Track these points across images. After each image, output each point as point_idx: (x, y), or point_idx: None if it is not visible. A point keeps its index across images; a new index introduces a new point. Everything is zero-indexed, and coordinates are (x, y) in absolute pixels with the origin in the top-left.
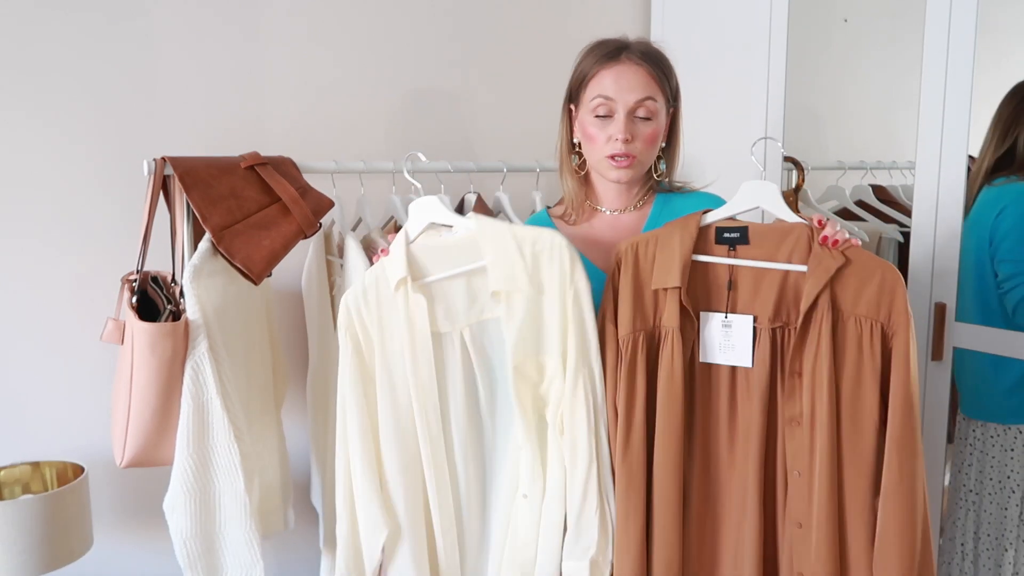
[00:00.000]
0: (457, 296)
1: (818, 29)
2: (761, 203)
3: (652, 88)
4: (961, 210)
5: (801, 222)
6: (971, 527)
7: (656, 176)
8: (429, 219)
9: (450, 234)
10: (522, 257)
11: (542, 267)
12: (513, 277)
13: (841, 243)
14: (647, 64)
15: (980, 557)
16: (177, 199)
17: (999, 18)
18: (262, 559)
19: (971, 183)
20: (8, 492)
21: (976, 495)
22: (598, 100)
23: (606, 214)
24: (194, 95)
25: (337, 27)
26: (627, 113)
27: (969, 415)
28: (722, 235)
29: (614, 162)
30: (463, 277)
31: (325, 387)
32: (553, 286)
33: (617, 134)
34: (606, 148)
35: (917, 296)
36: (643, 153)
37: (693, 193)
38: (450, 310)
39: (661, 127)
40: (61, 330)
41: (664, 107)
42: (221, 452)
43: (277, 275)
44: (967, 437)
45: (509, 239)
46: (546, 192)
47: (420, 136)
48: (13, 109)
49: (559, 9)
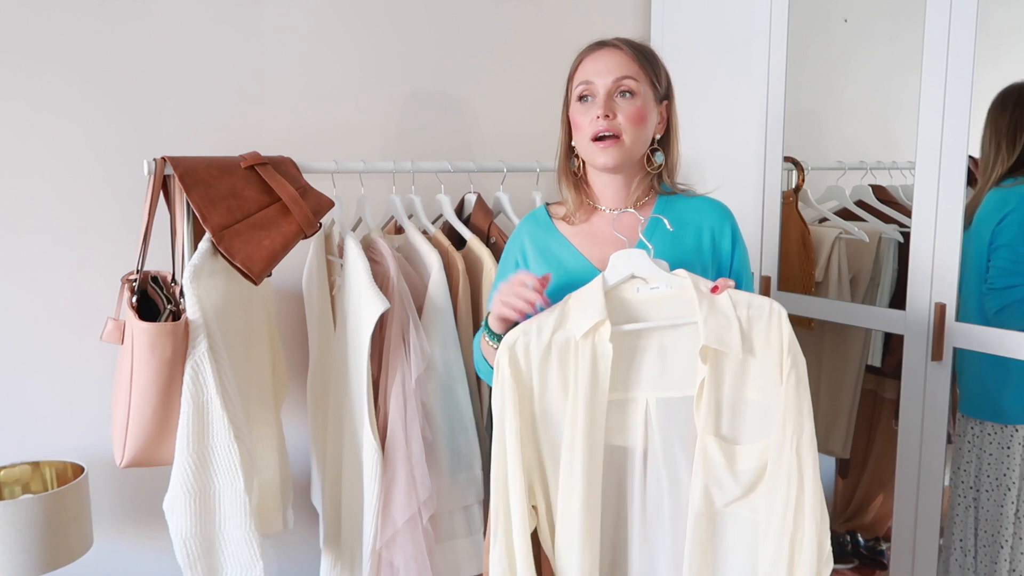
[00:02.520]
0: (647, 359)
1: (818, 29)
2: (634, 271)
3: (632, 68)
4: (961, 210)
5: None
6: (971, 524)
7: (651, 169)
8: (631, 271)
9: (649, 291)
10: (737, 318)
11: (755, 331)
12: (726, 338)
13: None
14: (627, 48)
15: (979, 553)
16: (177, 199)
17: (999, 18)
18: (262, 559)
19: (978, 193)
20: (8, 492)
21: (975, 492)
22: (580, 86)
23: (606, 213)
24: (194, 95)
25: (338, 27)
26: (607, 92)
27: (967, 414)
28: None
29: (599, 144)
30: (658, 337)
31: (325, 387)
32: (769, 352)
33: (597, 111)
34: (590, 130)
35: (917, 296)
36: (627, 131)
37: (696, 197)
38: (636, 374)
39: (647, 108)
40: (61, 330)
41: (649, 90)
42: (221, 452)
43: (277, 275)
44: (965, 435)
45: (723, 298)
46: (546, 192)
47: (420, 136)
48: (13, 109)
49: (559, 10)
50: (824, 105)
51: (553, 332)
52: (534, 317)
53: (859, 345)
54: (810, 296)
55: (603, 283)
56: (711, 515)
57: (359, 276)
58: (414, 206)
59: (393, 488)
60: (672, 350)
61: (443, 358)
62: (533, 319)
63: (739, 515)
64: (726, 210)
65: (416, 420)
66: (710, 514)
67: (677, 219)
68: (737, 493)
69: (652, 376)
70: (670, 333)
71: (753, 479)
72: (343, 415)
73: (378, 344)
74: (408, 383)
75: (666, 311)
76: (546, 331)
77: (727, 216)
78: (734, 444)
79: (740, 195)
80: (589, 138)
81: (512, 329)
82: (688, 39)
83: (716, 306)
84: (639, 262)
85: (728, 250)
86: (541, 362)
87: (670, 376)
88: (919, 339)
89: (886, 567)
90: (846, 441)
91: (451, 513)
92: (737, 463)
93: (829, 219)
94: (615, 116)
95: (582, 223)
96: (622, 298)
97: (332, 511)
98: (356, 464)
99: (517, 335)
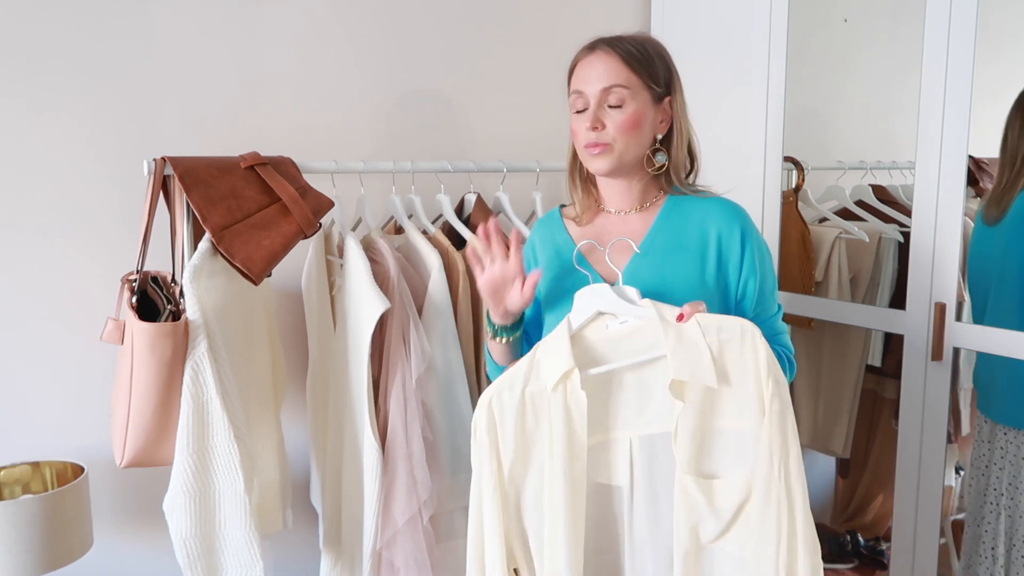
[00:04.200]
0: (625, 396)
1: (818, 29)
2: (600, 307)
3: (621, 75)
4: (961, 210)
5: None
6: (1002, 532)
7: (652, 171)
8: (597, 308)
9: (619, 325)
10: (707, 346)
11: (728, 357)
12: (696, 369)
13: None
14: (617, 52)
15: (1012, 562)
16: (177, 199)
17: (999, 18)
18: (262, 559)
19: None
20: (8, 492)
21: (1009, 500)
22: (573, 96)
23: (613, 214)
24: (194, 95)
25: (338, 27)
26: (597, 103)
27: (998, 420)
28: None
29: (591, 150)
30: (634, 372)
31: (324, 387)
32: (746, 378)
33: (586, 123)
34: (583, 139)
35: (917, 296)
36: (619, 141)
37: (708, 198)
38: (616, 413)
39: (640, 112)
40: (61, 330)
41: (643, 93)
42: (221, 452)
43: (277, 275)
44: (995, 441)
45: (690, 326)
46: (546, 192)
47: (420, 136)
48: (12, 110)
49: (559, 10)
50: (824, 105)
51: (524, 386)
52: (506, 371)
53: (859, 345)
54: (810, 296)
55: (568, 327)
56: (698, 552)
57: (360, 276)
58: (414, 206)
59: (394, 488)
60: (652, 384)
61: (443, 358)
62: (505, 373)
63: (726, 551)
64: (737, 211)
65: (417, 420)
66: (696, 551)
67: (683, 221)
68: (718, 530)
69: (633, 413)
70: (648, 366)
71: (734, 513)
72: (343, 415)
73: (378, 344)
74: (408, 383)
75: (638, 344)
76: (518, 385)
77: (737, 218)
78: (713, 479)
79: (740, 195)
80: (583, 146)
81: (489, 385)
82: (688, 39)
83: (684, 336)
84: (604, 298)
85: (737, 253)
86: (518, 418)
87: (651, 411)
88: (919, 339)
89: (886, 567)
90: (846, 441)
91: (451, 513)
92: (717, 499)
93: (829, 219)
94: (603, 127)
95: (589, 224)
96: (591, 339)
97: (332, 511)
98: (356, 464)
99: (491, 394)
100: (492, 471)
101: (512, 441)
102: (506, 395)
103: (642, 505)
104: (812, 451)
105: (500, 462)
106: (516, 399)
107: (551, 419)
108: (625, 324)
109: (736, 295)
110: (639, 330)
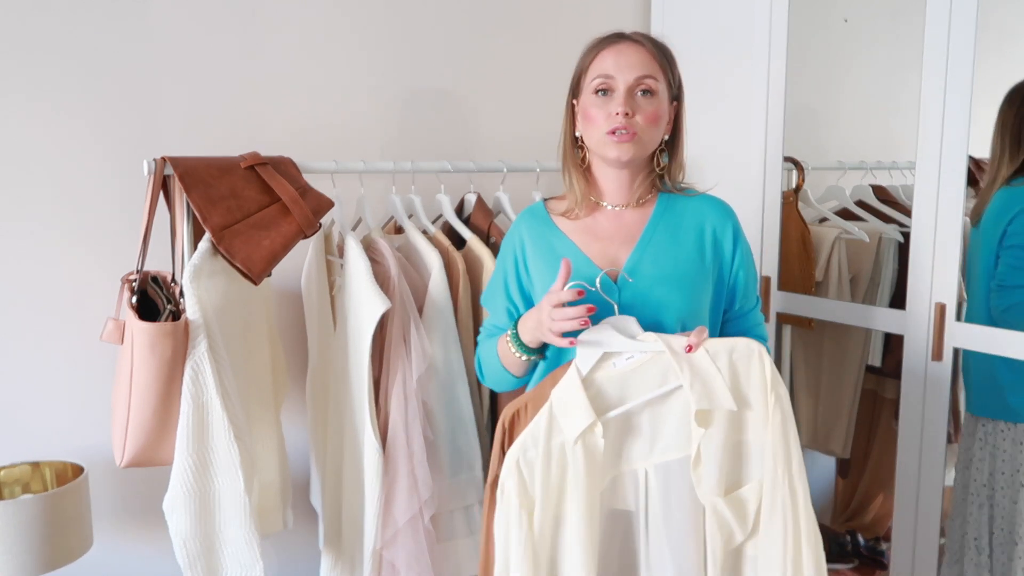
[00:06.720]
0: (639, 430)
1: (818, 29)
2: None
3: (653, 67)
4: (961, 210)
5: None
6: (985, 522)
7: (657, 170)
8: (602, 349)
9: (626, 361)
10: (718, 371)
11: (740, 377)
12: (715, 396)
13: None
14: (649, 45)
15: (995, 551)
16: (177, 199)
17: (999, 18)
18: (262, 559)
19: (986, 191)
20: (8, 492)
21: (989, 490)
22: (599, 79)
23: (608, 209)
24: (194, 95)
25: (337, 27)
26: (627, 89)
27: (977, 413)
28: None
29: (614, 136)
30: (647, 408)
31: (324, 387)
32: (755, 395)
33: (617, 108)
34: (606, 125)
35: (917, 296)
36: (644, 131)
37: (697, 196)
38: (631, 448)
39: (663, 108)
40: (61, 330)
41: (666, 91)
42: (221, 452)
43: (277, 275)
44: (975, 433)
45: (700, 354)
46: (546, 192)
47: (420, 136)
48: (12, 109)
49: (559, 9)
50: (824, 105)
51: (547, 440)
52: (527, 429)
53: (859, 345)
54: (810, 296)
55: (578, 374)
56: (726, 560)
57: (360, 275)
58: (414, 206)
59: (394, 488)
60: (666, 415)
61: (444, 358)
62: (527, 431)
63: (745, 554)
64: (728, 209)
65: (417, 420)
66: (727, 560)
67: (678, 219)
68: (743, 537)
69: (646, 445)
70: (659, 399)
71: (755, 519)
72: (343, 415)
73: (379, 344)
74: (409, 383)
75: (648, 378)
76: (540, 442)
77: (729, 215)
78: (735, 490)
79: (740, 195)
80: (604, 131)
81: (516, 440)
82: (688, 39)
83: (696, 365)
84: (608, 337)
85: (730, 249)
86: (544, 473)
87: (665, 440)
88: (919, 339)
89: (886, 567)
90: (846, 441)
91: (451, 513)
92: (741, 510)
93: (829, 219)
94: (634, 115)
95: (583, 218)
96: (601, 379)
97: (332, 511)
98: (356, 464)
99: (517, 454)
100: (522, 528)
101: (540, 496)
102: (531, 453)
103: (658, 529)
104: (812, 451)
105: (531, 523)
106: (541, 455)
107: (576, 466)
108: (632, 359)
109: (728, 285)
110: (648, 363)
